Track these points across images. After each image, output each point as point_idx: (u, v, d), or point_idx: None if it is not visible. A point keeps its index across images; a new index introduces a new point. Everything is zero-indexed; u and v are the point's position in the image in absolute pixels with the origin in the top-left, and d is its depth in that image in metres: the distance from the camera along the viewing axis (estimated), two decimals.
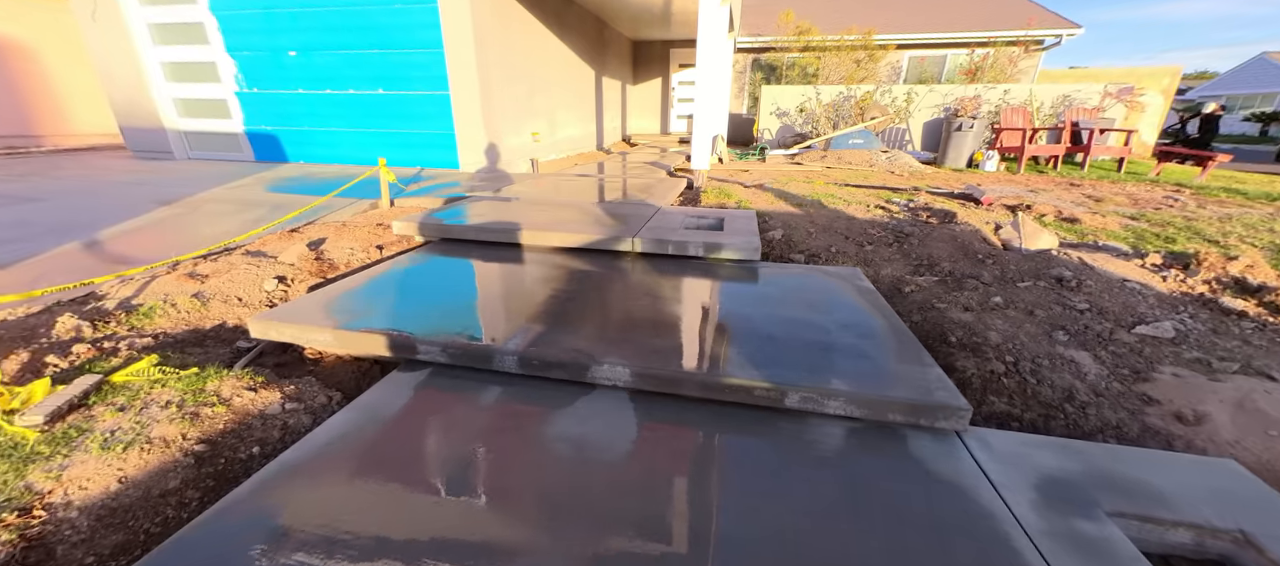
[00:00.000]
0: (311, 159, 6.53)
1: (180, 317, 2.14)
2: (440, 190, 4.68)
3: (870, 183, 5.55)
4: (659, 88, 13.39)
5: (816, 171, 6.36)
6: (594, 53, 9.74)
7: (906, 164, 6.59)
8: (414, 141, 6.13)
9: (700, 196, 4.70)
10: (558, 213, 3.57)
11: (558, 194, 4.41)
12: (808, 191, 4.87)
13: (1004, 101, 8.40)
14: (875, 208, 4.13)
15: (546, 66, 7.47)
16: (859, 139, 7.29)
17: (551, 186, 4.85)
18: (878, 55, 10.48)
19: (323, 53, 5.93)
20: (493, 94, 5.87)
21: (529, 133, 6.96)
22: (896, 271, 2.80)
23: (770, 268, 2.73)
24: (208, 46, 6.21)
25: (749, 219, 3.40)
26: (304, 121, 6.34)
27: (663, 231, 3.04)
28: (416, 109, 5.94)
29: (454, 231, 3.15)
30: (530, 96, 6.93)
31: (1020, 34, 9.68)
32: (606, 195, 4.39)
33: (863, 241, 3.30)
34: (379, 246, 3.19)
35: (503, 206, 3.79)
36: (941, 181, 5.72)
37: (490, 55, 5.74)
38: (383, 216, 4.01)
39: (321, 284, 2.60)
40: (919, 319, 2.28)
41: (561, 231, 3.02)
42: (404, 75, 5.80)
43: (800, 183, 5.41)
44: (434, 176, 5.63)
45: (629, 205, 3.90)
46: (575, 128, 8.87)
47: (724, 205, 4.30)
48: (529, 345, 1.78)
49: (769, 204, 4.38)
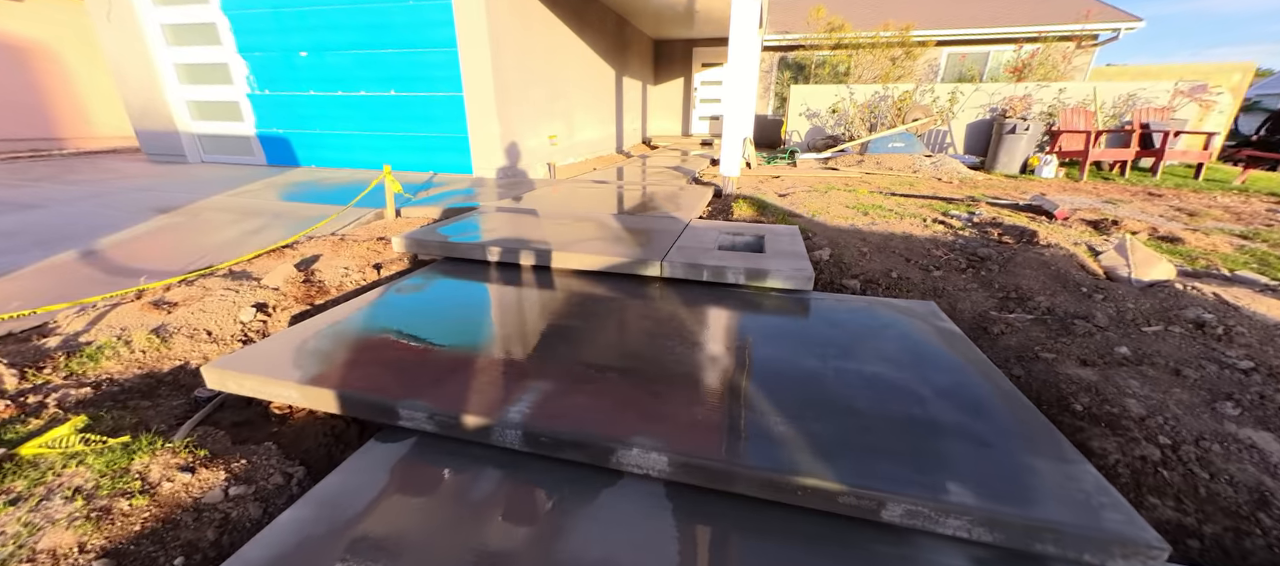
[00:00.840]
0: (323, 163, 6.31)
1: (133, 359, 1.82)
2: (450, 199, 4.36)
3: (918, 191, 5.04)
4: (681, 88, 12.97)
5: (855, 178, 5.86)
6: (615, 52, 9.38)
7: (954, 169, 6.04)
8: (427, 145, 5.84)
9: (730, 207, 4.28)
10: (574, 228, 3.19)
11: (574, 204, 4.04)
12: (851, 201, 4.40)
13: (1059, 101, 7.74)
14: (933, 222, 3.65)
15: (566, 67, 7.13)
16: (900, 142, 6.75)
17: (568, 195, 4.49)
18: (916, 53, 9.86)
19: (334, 53, 5.69)
20: (509, 95, 5.54)
21: (546, 135, 6.63)
22: (978, 305, 2.34)
23: (826, 300, 2.30)
24: (220, 47, 6.04)
25: (793, 237, 2.96)
26: (316, 124, 6.12)
27: (695, 253, 2.63)
28: (429, 111, 5.65)
29: (458, 250, 2.80)
30: (548, 98, 6.60)
31: (1075, 28, 8.96)
32: (627, 206, 4.00)
33: (928, 265, 2.84)
34: (377, 266, 2.86)
35: (514, 219, 3.43)
36: (999, 190, 5.17)
37: (507, 55, 5.41)
38: (387, 227, 3.70)
39: (305, 315, 2.27)
40: (1022, 373, 1.83)
41: (577, 251, 2.63)
42: (416, 76, 5.52)
43: (841, 191, 4.93)
44: (446, 182, 5.33)
45: (653, 218, 3.51)
46: (594, 130, 8.52)
47: (758, 218, 3.87)
48: (537, 414, 1.40)
49: (809, 215, 3.93)
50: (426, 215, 4.06)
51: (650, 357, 1.75)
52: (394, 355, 1.73)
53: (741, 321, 2.10)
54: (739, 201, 4.32)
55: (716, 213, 4.20)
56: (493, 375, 1.61)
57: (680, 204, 4.02)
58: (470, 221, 3.32)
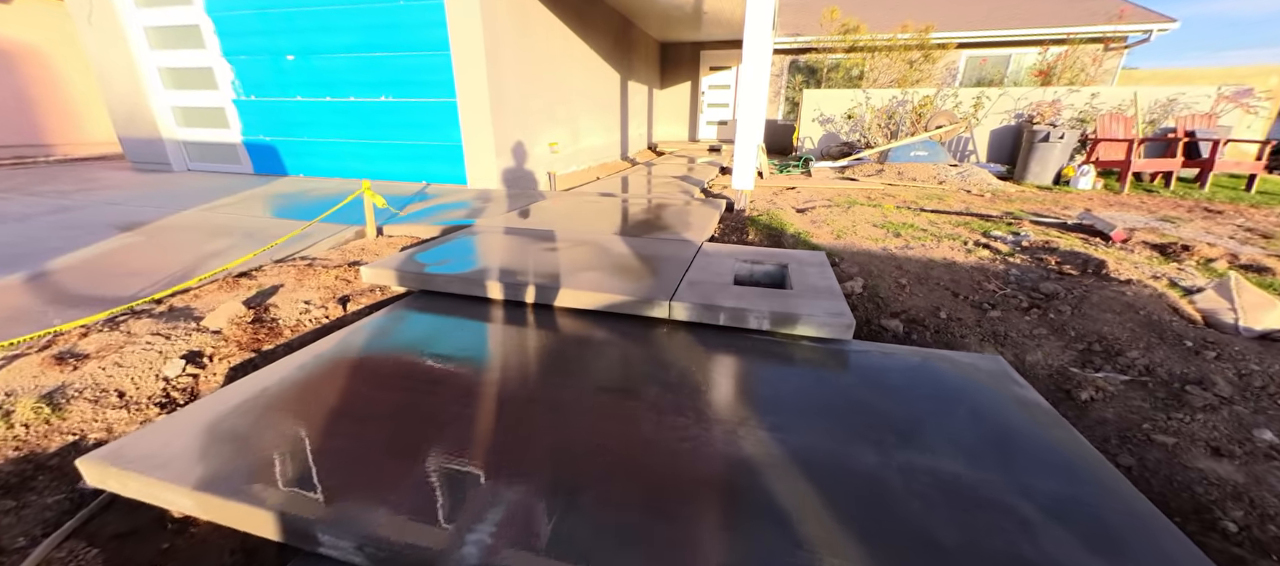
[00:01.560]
0: (312, 172, 5.99)
1: (9, 436, 1.46)
2: (439, 214, 4.00)
3: (948, 206, 4.62)
4: (687, 92, 12.61)
5: (877, 190, 5.46)
6: (620, 55, 9.04)
7: (983, 180, 5.62)
8: (419, 154, 5.50)
9: (745, 225, 3.89)
10: (570, 254, 2.82)
11: (573, 222, 3.67)
12: (878, 219, 4.00)
13: (1091, 107, 7.29)
14: (976, 246, 3.24)
15: (568, 71, 6.78)
16: (923, 151, 6.34)
17: (567, 211, 4.11)
18: (935, 55, 9.44)
19: (322, 56, 5.37)
20: (505, 101, 5.19)
21: (547, 143, 6.27)
22: (1052, 357, 1.94)
23: (870, 353, 1.91)
24: (205, 51, 5.75)
25: (822, 267, 2.57)
26: (304, 131, 5.80)
27: (709, 288, 2.25)
28: (421, 118, 5.31)
29: (437, 282, 2.43)
30: (549, 104, 6.25)
31: (1107, 29, 8.50)
32: (631, 224, 3.62)
33: (981, 301, 2.44)
34: (344, 299, 2.50)
35: (504, 243, 3.06)
36: (1037, 205, 4.75)
37: (504, 59, 5.06)
38: (366, 249, 3.34)
39: (246, 367, 1.91)
40: (1133, 463, 1.43)
41: (573, 287, 2.26)
42: (408, 81, 5.19)
43: (864, 206, 4.53)
44: (439, 194, 4.98)
45: (660, 241, 3.13)
46: (598, 136, 8.17)
47: (777, 239, 3.48)
48: (502, 549, 1.01)
49: (833, 235, 3.53)
50: (412, 233, 3.70)
51: (657, 443, 1.37)
52: (330, 443, 1.36)
53: (769, 386, 1.71)
54: (754, 219, 3.92)
55: (729, 231, 3.81)
56: (452, 480, 1.23)
57: (690, 222, 3.64)
58: (453, 246, 2.95)
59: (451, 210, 4.16)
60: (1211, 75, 10.04)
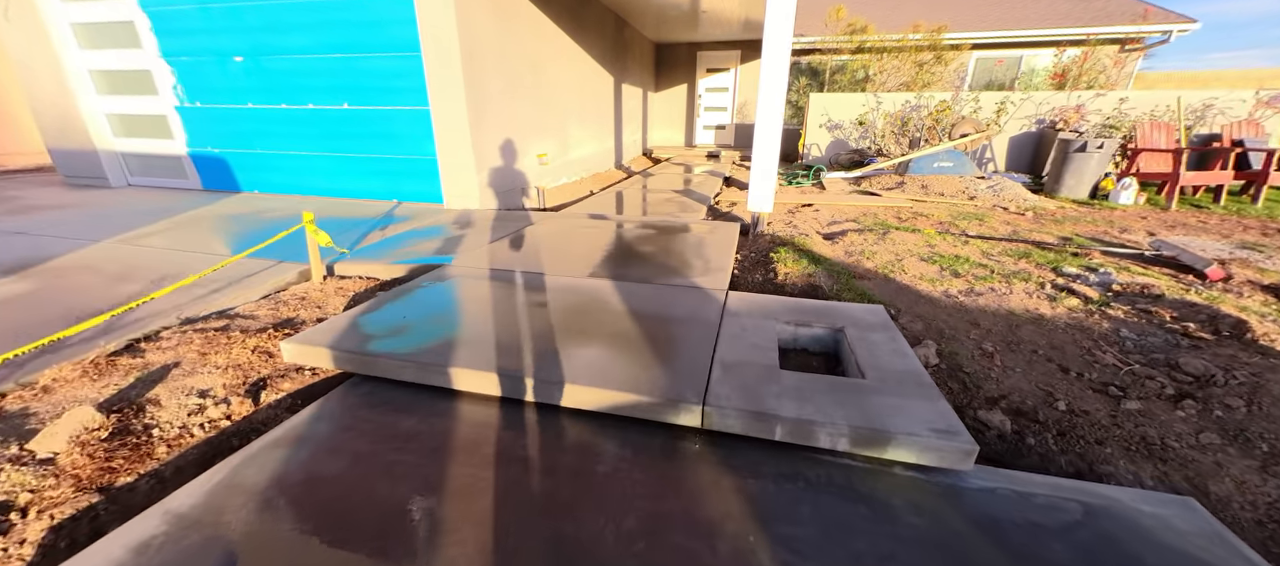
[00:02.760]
0: (268, 188, 5.30)
1: None
2: (403, 248, 3.36)
3: (993, 230, 4.07)
4: (684, 95, 12.03)
5: (904, 207, 4.90)
6: (613, 57, 8.43)
7: (1017, 196, 5.10)
8: (389, 169, 4.84)
9: (769, 257, 3.29)
10: (561, 313, 2.20)
11: (563, 259, 3.05)
12: (922, 248, 3.43)
13: (1119, 112, 6.83)
14: (1053, 288, 2.68)
15: (558, 74, 6.15)
16: (947, 161, 5.81)
17: (556, 241, 3.49)
18: (948, 57, 8.95)
19: (273, 57, 4.69)
20: (486, 108, 4.55)
21: (535, 154, 5.64)
22: (1252, 491, 1.36)
23: (998, 489, 1.32)
24: (141, 51, 5.04)
25: (888, 333, 1.98)
26: (257, 142, 5.11)
27: (751, 376, 1.65)
28: (390, 128, 4.66)
29: (381, 364, 1.80)
30: (537, 111, 5.62)
31: (1130, 30, 8.06)
32: (634, 262, 3.01)
33: (1103, 382, 1.86)
34: (257, 386, 1.86)
35: (476, 294, 2.44)
36: (1089, 226, 4.22)
37: (484, 60, 4.43)
38: (307, 295, 2.70)
39: (79, 519, 1.26)
40: None
41: (570, 376, 1.64)
42: (373, 86, 4.53)
43: (901, 230, 3.96)
44: (411, 215, 4.33)
45: (673, 289, 2.52)
46: (591, 145, 7.55)
47: (809, 277, 2.89)
48: None
49: (878, 273, 2.95)
50: (370, 274, 3.06)
51: None
52: None
53: (861, 558, 1.10)
54: (777, 248, 3.33)
55: (751, 265, 3.22)
56: None
57: (705, 256, 3.04)
58: (411, 301, 2.32)
59: (420, 240, 3.52)
60: (1227, 77, 9.68)
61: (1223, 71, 9.74)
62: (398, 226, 4.00)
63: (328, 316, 2.44)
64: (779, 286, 2.81)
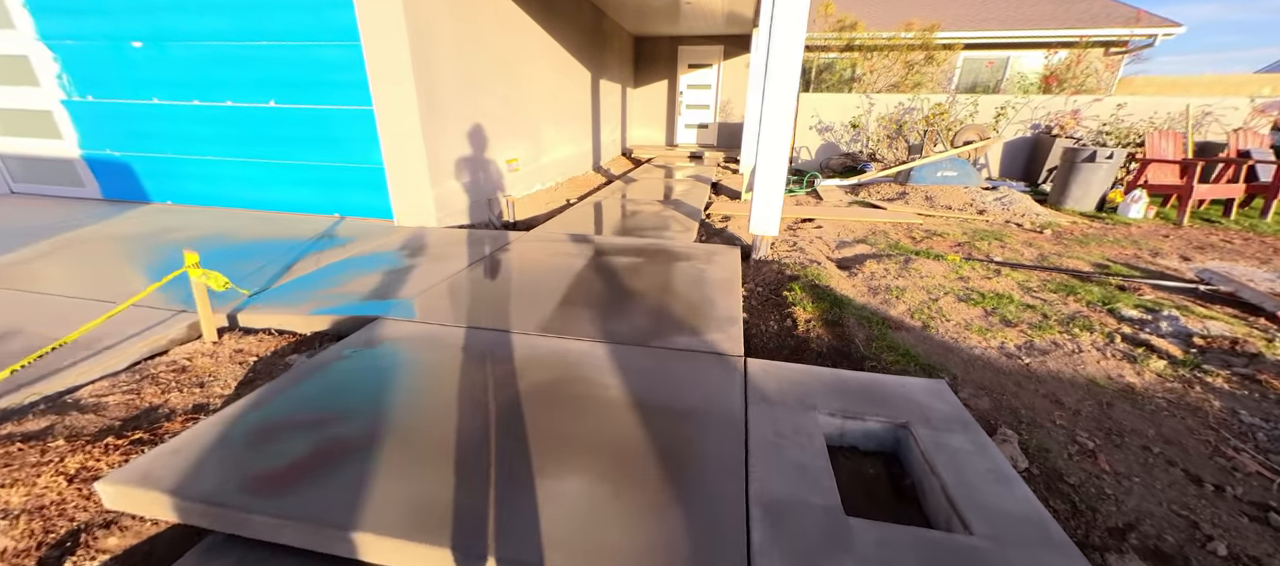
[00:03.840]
0: (183, 199, 4.49)
1: None
2: (331, 286, 2.69)
3: (1018, 255, 3.68)
4: (664, 92, 11.46)
5: (914, 222, 4.48)
6: (591, 50, 7.78)
7: (1028, 210, 4.75)
8: (327, 178, 4.12)
9: (780, 293, 2.78)
10: (527, 412, 1.62)
11: (530, 308, 2.45)
12: (954, 282, 2.98)
13: (1116, 117, 6.62)
14: (1129, 343, 2.25)
15: (530, 68, 5.49)
16: (951, 170, 5.44)
17: (522, 280, 2.89)
18: (939, 57, 8.65)
19: (181, 43, 3.89)
20: (443, 107, 3.89)
21: (504, 160, 4.99)
22: None
23: None
24: (15, 32, 4.14)
25: (968, 431, 1.48)
26: (168, 145, 4.30)
27: (807, 541, 1.12)
28: (325, 130, 3.93)
29: (257, 524, 1.18)
30: (506, 110, 4.96)
31: (1124, 32, 7.90)
32: (621, 314, 2.44)
33: (1249, 499, 1.41)
34: (66, 543, 1.21)
35: (409, 370, 1.83)
36: (1113, 246, 3.88)
37: (439, 51, 3.76)
38: (191, 364, 2.03)
39: None
40: None
41: (546, 553, 1.07)
42: (304, 79, 3.80)
43: (921, 256, 3.51)
44: (355, 236, 3.65)
45: (674, 357, 1.97)
46: (567, 147, 6.91)
47: (833, 321, 2.38)
48: None
49: (912, 316, 2.48)
50: (284, 327, 2.39)
51: None
52: None
53: None
54: (794, 288, 2.81)
55: (762, 306, 2.69)
56: None
57: (707, 293, 2.50)
58: (318, 388, 1.69)
59: (356, 275, 2.85)
60: (1203, 82, 9.72)
61: (1200, 77, 9.80)
62: (334, 252, 3.31)
63: (210, 403, 1.79)
64: (802, 340, 2.30)
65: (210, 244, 3.49)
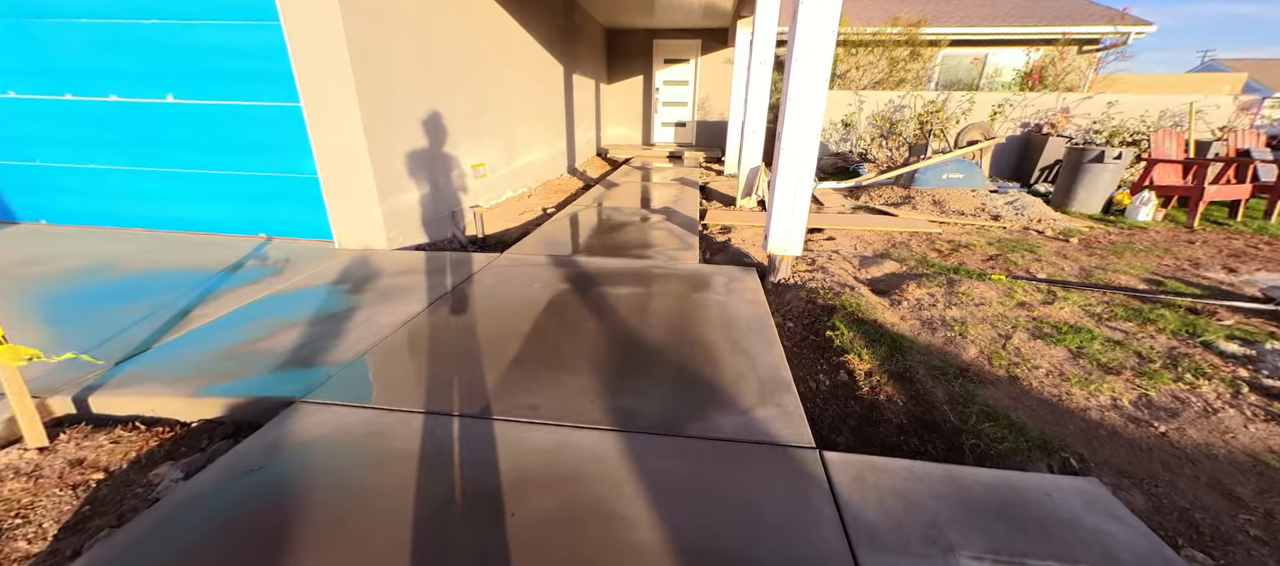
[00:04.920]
0: (60, 217, 3.62)
1: None
2: (234, 346, 1.99)
3: (1055, 268, 3.32)
4: (639, 88, 10.88)
5: (931, 230, 4.09)
6: (563, 42, 7.13)
7: (1043, 215, 4.46)
8: (249, 191, 3.36)
9: (820, 332, 2.27)
10: None
11: (506, 377, 1.85)
12: (1011, 310, 2.55)
13: (1108, 115, 6.50)
14: (1261, 396, 1.84)
15: (499, 61, 4.82)
16: (957, 172, 5.11)
17: (492, 329, 2.27)
18: (924, 53, 8.42)
19: (44, 20, 3.06)
20: (394, 104, 3.20)
21: (469, 166, 4.31)
22: None
23: None
24: None
25: None
26: (35, 151, 3.43)
27: None
28: (242, 132, 3.18)
29: None
30: (472, 107, 4.28)
31: (1108, 30, 7.86)
32: (632, 376, 1.87)
33: None
34: None
35: (328, 493, 1.19)
36: (1149, 256, 3.58)
37: (387, 37, 3.07)
38: None
39: None
40: None
41: None
42: (211, 68, 3.03)
43: (962, 275, 3.09)
44: (282, 262, 2.92)
45: (720, 452, 1.42)
46: (540, 149, 6.25)
47: (912, 386, 1.88)
48: None
49: (988, 361, 2.01)
50: (156, 414, 1.69)
51: None
52: None
53: None
54: (835, 323, 2.31)
55: (801, 351, 2.18)
56: None
57: (734, 337, 1.96)
58: (174, 548, 1.04)
59: (274, 325, 2.15)
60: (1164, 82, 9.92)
61: (1162, 76, 10.01)
62: (252, 288, 2.58)
63: None
64: (869, 405, 1.78)
65: (86, 279, 2.70)
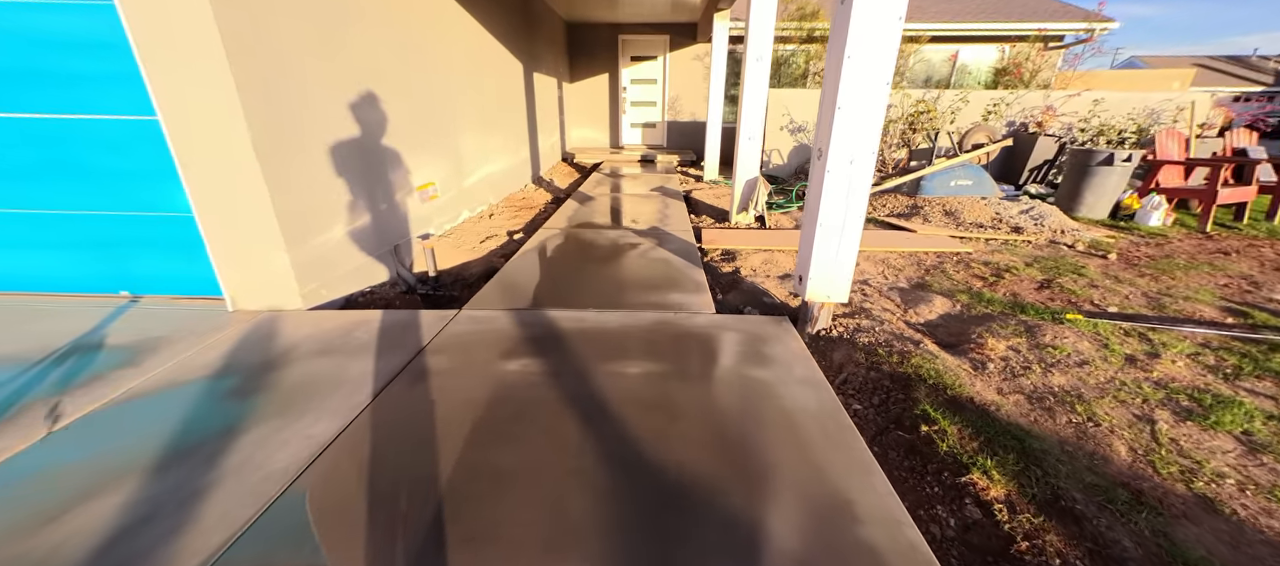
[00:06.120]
0: None
1: None
2: (8, 544, 1.17)
3: (1121, 296, 2.88)
4: (605, 87, 10.15)
5: (959, 249, 3.62)
6: (521, 37, 6.32)
7: (1063, 225, 4.10)
8: (101, 236, 2.44)
9: (922, 435, 1.67)
10: None
11: (492, 555, 1.13)
12: (1115, 365, 2.05)
13: (1094, 113, 6.34)
14: None
15: (446, 57, 4.00)
16: (965, 178, 4.72)
17: (453, 454, 1.54)
18: (906, 49, 8.13)
19: None
20: (300, 112, 2.38)
21: (416, 186, 3.48)
22: None
23: None
24: None
25: None
26: None
27: None
28: (83, 156, 2.27)
29: None
30: (414, 114, 3.45)
31: (1080, 26, 7.80)
32: (670, 546, 1.19)
33: None
34: None
35: None
36: (1196, 275, 3.24)
37: (281, 19, 2.24)
38: None
39: None
40: None
41: None
42: (20, 68, 2.11)
43: (1033, 315, 2.59)
44: (139, 342, 2.06)
45: None
46: (500, 159, 5.43)
47: (1074, 512, 1.30)
48: None
49: (1141, 463, 1.46)
50: None
51: None
52: None
53: None
54: (924, 407, 1.71)
55: (875, 439, 1.56)
56: None
57: (813, 460, 1.33)
58: None
59: (62, 496, 1.33)
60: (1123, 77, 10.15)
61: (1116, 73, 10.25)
62: (85, 388, 1.72)
63: None
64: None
65: None
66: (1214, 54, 27.54)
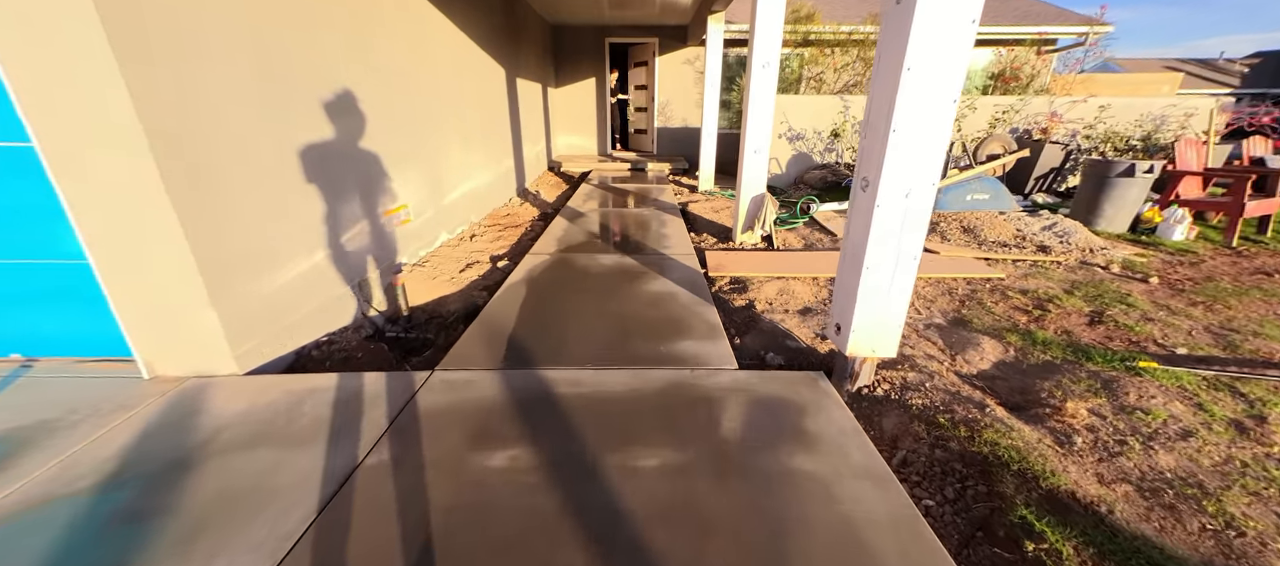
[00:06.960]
0: None
1: None
2: None
3: (1183, 335, 2.59)
4: (592, 92, 9.75)
5: (987, 274, 3.31)
6: (504, 41, 5.90)
7: (1088, 242, 3.83)
8: None
9: (1010, 534, 1.30)
10: None
11: None
12: (1224, 434, 1.73)
13: (1099, 119, 6.16)
14: None
15: (419, 61, 3.55)
16: (982, 191, 4.44)
17: None
18: None
19: None
20: (230, 122, 1.93)
21: (382, 211, 3.04)
22: None
23: None
24: None
25: None
26: None
27: None
28: None
29: None
30: (386, 126, 3.00)
31: (1082, 29, 7.65)
32: None
33: None
34: None
35: None
36: (1249, 303, 2.96)
37: (198, 24, 1.80)
38: None
39: None
40: None
41: None
42: None
43: (1097, 361, 2.28)
44: (22, 430, 1.58)
45: None
46: (481, 173, 4.99)
47: None
48: None
49: None
50: None
51: None
52: None
53: None
54: (1020, 509, 1.35)
55: (958, 551, 1.20)
56: None
57: None
58: None
59: None
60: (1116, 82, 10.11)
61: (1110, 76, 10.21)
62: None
63: None
64: None
65: None
66: (1182, 57, 28.29)
